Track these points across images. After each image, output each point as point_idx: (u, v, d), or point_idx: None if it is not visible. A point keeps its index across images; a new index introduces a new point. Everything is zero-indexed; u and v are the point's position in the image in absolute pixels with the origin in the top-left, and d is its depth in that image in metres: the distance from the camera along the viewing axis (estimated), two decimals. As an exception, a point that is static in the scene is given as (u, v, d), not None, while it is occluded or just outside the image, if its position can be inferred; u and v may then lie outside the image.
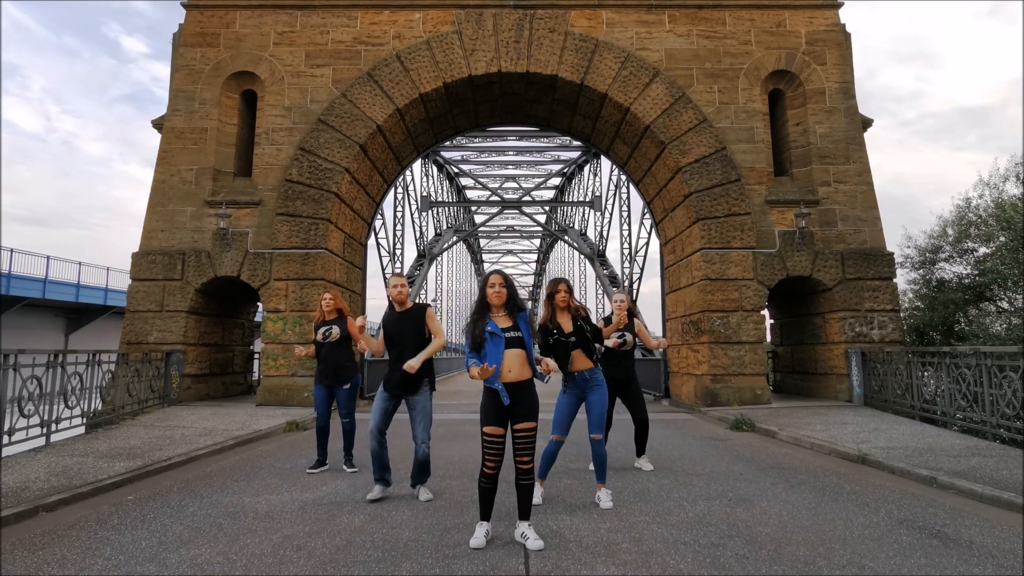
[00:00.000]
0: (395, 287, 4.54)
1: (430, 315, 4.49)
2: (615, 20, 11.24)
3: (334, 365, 5.44)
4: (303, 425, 8.27)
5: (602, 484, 4.33)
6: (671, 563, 3.09)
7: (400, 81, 10.98)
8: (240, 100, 11.35)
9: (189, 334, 10.30)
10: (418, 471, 4.47)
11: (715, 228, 10.52)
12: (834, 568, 3.00)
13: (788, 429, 7.47)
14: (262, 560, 3.15)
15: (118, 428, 7.46)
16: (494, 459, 3.38)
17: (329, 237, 10.74)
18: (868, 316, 10.28)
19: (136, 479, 5.07)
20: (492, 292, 3.56)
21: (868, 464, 5.63)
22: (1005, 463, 5.26)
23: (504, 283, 3.57)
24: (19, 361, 5.92)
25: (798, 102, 11.22)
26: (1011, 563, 3.08)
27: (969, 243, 14.16)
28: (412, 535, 3.55)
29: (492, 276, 3.63)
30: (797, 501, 4.30)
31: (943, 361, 7.70)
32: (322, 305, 5.65)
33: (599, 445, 4.34)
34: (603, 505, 4.15)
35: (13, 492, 4.33)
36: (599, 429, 4.34)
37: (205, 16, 11.18)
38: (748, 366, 10.16)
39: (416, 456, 4.44)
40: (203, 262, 10.40)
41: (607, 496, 4.24)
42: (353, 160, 10.90)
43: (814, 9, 11.27)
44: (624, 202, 21.68)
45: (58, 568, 3.05)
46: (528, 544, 3.30)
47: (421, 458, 4.42)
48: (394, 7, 11.24)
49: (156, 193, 10.67)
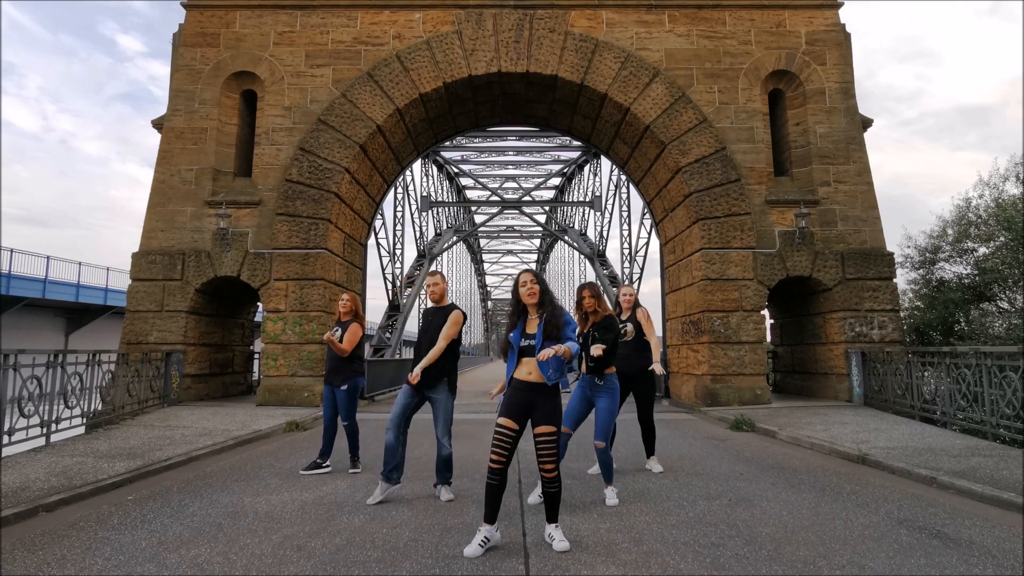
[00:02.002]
0: (428, 285, 4.54)
1: (451, 319, 4.40)
2: (615, 20, 11.24)
3: (336, 364, 5.45)
4: (303, 425, 8.27)
5: (609, 483, 4.38)
6: (671, 563, 3.09)
7: (400, 81, 10.98)
8: (240, 100, 11.35)
9: (189, 334, 10.30)
10: (442, 467, 4.46)
11: (715, 228, 10.52)
12: (834, 568, 3.00)
13: (788, 429, 7.47)
14: (262, 560, 3.15)
15: (118, 428, 7.45)
16: (500, 451, 3.29)
17: (329, 237, 10.74)
18: (868, 316, 10.28)
19: (136, 479, 5.06)
20: (524, 291, 3.48)
21: (868, 464, 5.63)
22: (1005, 463, 5.26)
23: (535, 279, 3.50)
24: (19, 361, 5.92)
25: (798, 102, 11.22)
26: (1011, 563, 3.08)
27: (969, 243, 14.17)
28: (412, 535, 3.55)
29: (522, 275, 3.53)
30: (797, 501, 4.30)
31: (943, 361, 7.70)
32: (339, 306, 5.64)
33: (603, 453, 4.36)
34: (608, 502, 4.21)
35: (13, 492, 4.33)
36: (603, 437, 4.35)
37: (205, 16, 11.18)
38: (748, 366, 10.16)
39: (439, 454, 4.44)
40: (203, 262, 10.40)
41: (612, 493, 4.29)
42: (353, 160, 10.90)
43: (814, 9, 11.27)
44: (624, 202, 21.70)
45: (58, 568, 3.04)
46: (554, 545, 3.27)
47: (444, 456, 4.43)
48: (394, 7, 11.24)
49: (156, 193, 10.67)
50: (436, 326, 4.41)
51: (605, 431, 4.34)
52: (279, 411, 9.22)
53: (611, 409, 4.31)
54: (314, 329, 10.19)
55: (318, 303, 10.36)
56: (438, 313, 4.49)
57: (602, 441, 4.34)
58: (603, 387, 4.29)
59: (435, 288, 4.53)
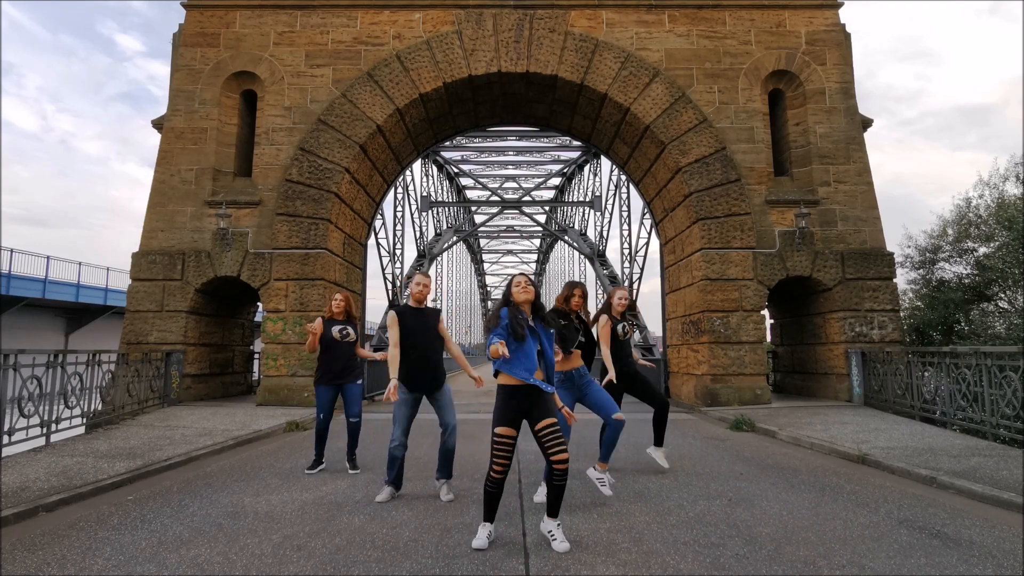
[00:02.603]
0: (419, 284, 4.56)
1: (441, 319, 4.64)
2: (615, 20, 11.24)
3: (348, 364, 5.50)
4: (303, 425, 8.27)
5: (604, 464, 4.46)
6: (671, 563, 3.08)
7: (400, 81, 10.98)
8: (240, 100, 11.35)
9: (189, 334, 10.30)
10: (444, 462, 4.47)
11: (715, 228, 10.52)
12: (834, 568, 3.00)
13: (788, 429, 7.47)
14: (262, 560, 3.15)
15: (118, 428, 7.45)
16: (502, 462, 3.28)
17: (329, 237, 10.74)
18: (868, 316, 10.28)
19: (136, 479, 5.06)
20: (519, 290, 3.49)
21: (868, 464, 5.63)
22: (1005, 463, 5.26)
23: (529, 282, 3.54)
24: (19, 361, 5.92)
25: (798, 102, 11.22)
26: (1011, 563, 3.08)
27: (969, 243, 14.18)
28: (412, 535, 3.55)
29: (517, 276, 3.60)
30: (797, 501, 4.30)
31: (943, 361, 7.70)
32: (332, 304, 5.63)
33: (620, 425, 4.43)
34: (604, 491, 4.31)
35: (13, 492, 4.33)
36: (616, 408, 4.47)
37: (205, 16, 11.18)
38: (748, 366, 10.16)
39: (445, 445, 4.45)
40: (203, 262, 10.40)
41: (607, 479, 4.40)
42: (353, 160, 10.90)
43: (814, 9, 11.27)
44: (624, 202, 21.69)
45: (58, 568, 3.04)
46: (554, 545, 3.25)
47: (450, 446, 4.44)
48: (394, 7, 11.24)
49: (156, 193, 10.67)
50: (432, 327, 4.45)
51: (612, 404, 4.46)
52: (279, 411, 9.23)
53: (601, 388, 4.52)
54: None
55: (318, 303, 10.36)
56: (427, 314, 4.49)
57: (619, 412, 4.45)
58: (588, 378, 4.49)
59: (425, 289, 4.56)
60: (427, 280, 4.61)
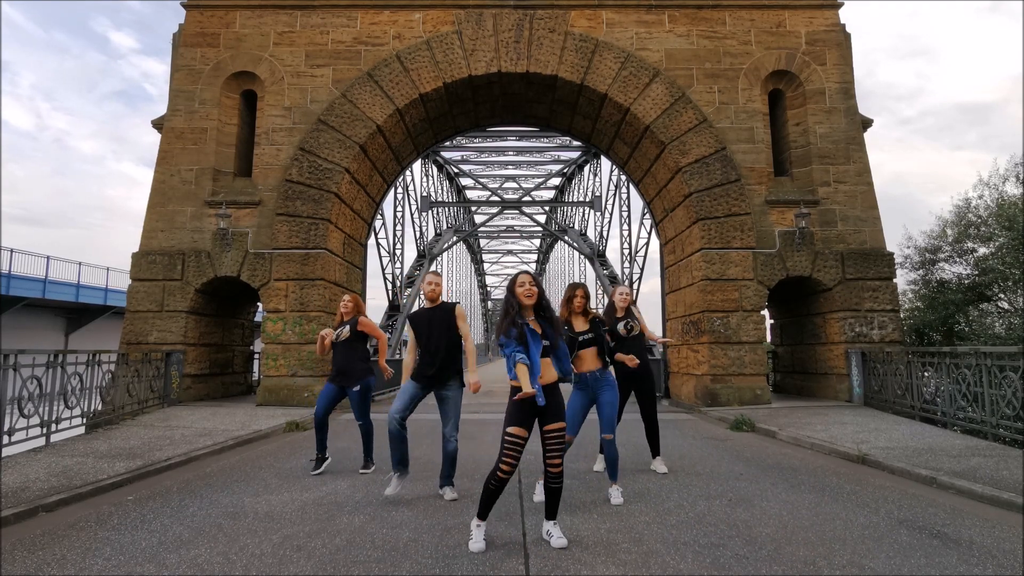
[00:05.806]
0: (429, 284, 4.57)
1: (459, 314, 4.50)
2: (615, 20, 11.24)
3: (346, 364, 5.40)
4: (303, 425, 8.27)
5: (614, 482, 4.39)
6: (671, 563, 3.09)
7: (400, 81, 10.98)
8: (240, 100, 11.35)
9: (189, 334, 10.30)
10: (449, 464, 4.48)
11: (715, 228, 10.52)
12: (834, 568, 3.00)
13: (788, 429, 7.47)
14: (262, 560, 3.15)
15: (118, 428, 7.45)
16: (511, 462, 3.26)
17: (329, 237, 10.74)
18: (868, 316, 10.28)
19: (136, 479, 5.06)
20: (523, 291, 3.43)
21: (868, 464, 5.63)
22: (1005, 463, 5.26)
23: (533, 282, 3.49)
24: (19, 361, 5.92)
25: (798, 102, 11.22)
26: (1011, 563, 3.08)
27: (969, 243, 14.17)
28: (412, 535, 3.55)
29: (521, 276, 3.51)
30: (797, 501, 4.30)
31: (943, 361, 7.69)
32: (340, 307, 5.62)
33: (611, 445, 4.41)
34: (613, 501, 4.22)
35: (13, 492, 4.33)
36: (610, 429, 4.43)
37: (205, 16, 11.18)
38: (748, 366, 10.16)
39: (445, 450, 4.47)
40: (203, 262, 10.40)
41: (617, 493, 4.29)
42: (353, 160, 10.90)
43: (814, 9, 11.27)
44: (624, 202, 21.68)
45: (58, 568, 3.04)
46: (552, 542, 3.29)
47: (451, 452, 4.45)
48: (394, 7, 11.24)
49: (156, 193, 10.67)
50: (440, 322, 4.44)
51: (611, 423, 4.43)
52: (279, 411, 9.22)
53: (614, 402, 4.45)
54: (314, 329, 10.18)
55: (318, 303, 10.36)
56: (437, 311, 4.50)
57: (610, 433, 4.41)
58: (604, 383, 4.42)
59: (437, 287, 4.59)
60: (437, 278, 4.62)
